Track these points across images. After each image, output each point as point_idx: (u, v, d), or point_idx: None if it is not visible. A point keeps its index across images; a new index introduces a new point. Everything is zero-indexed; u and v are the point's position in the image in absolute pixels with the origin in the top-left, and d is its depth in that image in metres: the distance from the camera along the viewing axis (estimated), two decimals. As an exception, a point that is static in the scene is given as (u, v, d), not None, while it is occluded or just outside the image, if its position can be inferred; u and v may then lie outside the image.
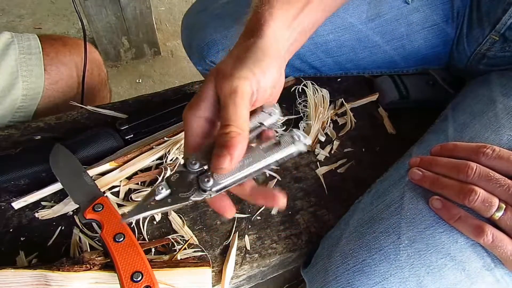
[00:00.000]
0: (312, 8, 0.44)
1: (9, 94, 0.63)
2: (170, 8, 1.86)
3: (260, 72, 0.35)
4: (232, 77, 0.33)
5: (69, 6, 1.74)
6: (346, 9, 0.61)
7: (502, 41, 0.56)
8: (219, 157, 0.31)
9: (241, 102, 0.33)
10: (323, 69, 0.68)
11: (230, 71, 0.34)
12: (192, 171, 0.33)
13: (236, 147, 0.31)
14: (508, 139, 0.43)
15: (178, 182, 0.33)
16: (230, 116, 0.32)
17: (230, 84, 0.33)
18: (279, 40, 0.39)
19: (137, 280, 0.39)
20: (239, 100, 0.32)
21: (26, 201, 0.49)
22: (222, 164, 0.30)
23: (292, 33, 0.42)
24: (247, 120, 0.33)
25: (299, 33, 0.43)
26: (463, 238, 0.38)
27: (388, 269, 0.38)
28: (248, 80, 0.34)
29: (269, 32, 0.38)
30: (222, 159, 0.30)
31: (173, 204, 0.32)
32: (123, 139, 0.56)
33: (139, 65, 1.62)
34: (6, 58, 0.62)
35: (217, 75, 0.35)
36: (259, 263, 0.47)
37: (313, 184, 0.55)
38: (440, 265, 0.37)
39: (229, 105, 0.32)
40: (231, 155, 0.31)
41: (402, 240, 0.39)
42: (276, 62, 0.37)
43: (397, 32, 0.63)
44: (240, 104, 0.32)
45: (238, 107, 0.32)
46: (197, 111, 0.35)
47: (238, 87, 0.33)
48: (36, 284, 0.39)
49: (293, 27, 0.42)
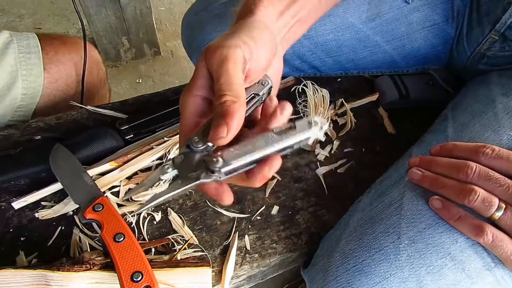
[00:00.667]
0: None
1: (8, 93, 0.63)
2: (170, 8, 1.86)
3: (251, 40, 0.34)
4: (220, 47, 0.32)
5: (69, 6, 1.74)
6: (346, 8, 0.61)
7: (502, 40, 0.56)
8: (216, 127, 0.30)
9: (233, 68, 0.31)
10: (323, 69, 0.68)
11: (218, 43, 0.33)
12: (197, 151, 0.32)
13: (233, 115, 0.30)
14: (508, 139, 0.43)
15: (184, 163, 0.32)
16: (223, 85, 0.31)
17: (219, 53, 0.32)
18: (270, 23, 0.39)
19: (137, 280, 0.39)
20: (231, 66, 0.31)
21: (26, 201, 0.49)
22: (220, 133, 0.29)
23: (288, 20, 0.42)
24: (242, 86, 0.32)
25: (296, 21, 0.43)
26: (463, 238, 0.38)
27: (388, 269, 0.38)
28: (238, 47, 0.32)
29: (259, 13, 0.37)
30: (220, 128, 0.29)
31: (184, 185, 0.31)
32: (123, 139, 0.56)
33: (139, 65, 1.62)
34: (5, 58, 0.62)
35: (207, 52, 0.33)
36: (259, 263, 0.47)
37: (313, 184, 0.55)
38: (440, 265, 0.37)
39: (221, 74, 0.31)
40: (228, 124, 0.29)
41: (402, 240, 0.39)
42: (268, 34, 0.36)
43: (397, 31, 0.63)
44: (232, 70, 0.31)
45: (230, 74, 0.31)
46: (192, 91, 0.34)
47: (228, 54, 0.32)
48: (36, 284, 0.39)
49: (288, 14, 0.41)
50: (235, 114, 0.30)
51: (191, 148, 0.32)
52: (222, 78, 0.31)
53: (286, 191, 0.54)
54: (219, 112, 0.30)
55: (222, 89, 0.31)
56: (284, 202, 0.53)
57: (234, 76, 0.31)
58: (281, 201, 0.53)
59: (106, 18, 1.39)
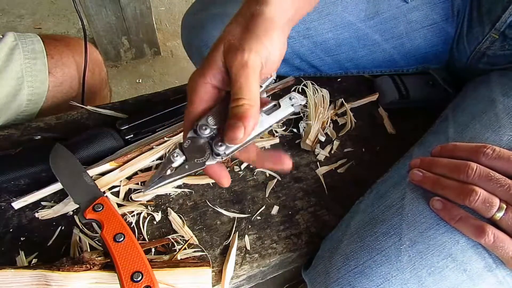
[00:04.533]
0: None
1: (14, 100, 0.62)
2: (170, 8, 1.86)
3: (269, 42, 0.35)
4: (242, 50, 0.33)
5: (69, 6, 1.74)
6: (345, 7, 0.61)
7: (502, 39, 0.56)
8: (234, 128, 0.32)
9: (252, 76, 0.33)
10: (322, 68, 0.68)
11: (239, 42, 0.34)
12: (203, 137, 0.34)
13: (250, 119, 0.32)
14: (509, 140, 0.42)
15: (191, 148, 0.34)
16: (242, 90, 0.33)
17: (240, 57, 0.33)
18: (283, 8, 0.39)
19: (137, 280, 0.39)
20: (251, 74, 0.33)
21: (26, 201, 0.49)
22: (238, 135, 0.32)
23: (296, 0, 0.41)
24: (258, 93, 0.34)
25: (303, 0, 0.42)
26: (465, 239, 0.38)
27: (390, 271, 0.38)
28: (258, 53, 0.34)
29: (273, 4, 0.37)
30: (237, 130, 0.32)
31: (191, 170, 0.34)
32: (123, 139, 0.56)
33: (139, 65, 1.62)
34: (10, 64, 0.62)
35: (228, 50, 0.35)
36: (259, 263, 0.47)
37: (313, 184, 0.55)
38: (442, 266, 0.37)
39: (241, 78, 0.33)
40: (245, 127, 0.32)
41: (403, 241, 0.39)
42: (282, 32, 0.37)
43: (396, 30, 0.63)
44: (251, 78, 0.33)
45: (249, 80, 0.33)
46: (206, 77, 0.35)
47: (248, 61, 0.33)
48: (36, 284, 0.39)
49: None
50: (251, 118, 0.32)
51: (198, 134, 0.34)
52: (242, 82, 0.33)
53: (286, 191, 0.54)
54: (236, 114, 0.32)
55: (240, 92, 0.33)
56: (284, 202, 0.53)
57: (252, 83, 0.33)
58: (281, 201, 0.53)
59: (106, 18, 1.39)
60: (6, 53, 0.62)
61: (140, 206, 0.50)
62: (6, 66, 0.61)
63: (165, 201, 0.52)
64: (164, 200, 0.52)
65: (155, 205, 0.51)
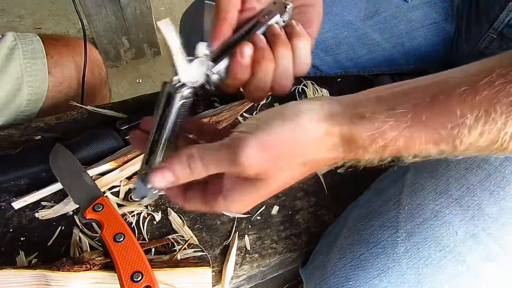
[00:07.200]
0: None
1: (14, 99, 0.62)
2: (170, 8, 1.86)
3: None
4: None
5: (69, 6, 1.74)
6: (344, 6, 0.62)
7: (500, 39, 0.56)
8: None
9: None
10: (322, 68, 0.68)
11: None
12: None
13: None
14: None
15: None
16: None
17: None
18: None
19: (137, 280, 0.39)
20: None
21: (26, 201, 0.49)
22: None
23: None
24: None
25: None
26: (463, 229, 0.38)
27: (386, 263, 0.38)
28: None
29: None
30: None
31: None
32: (123, 139, 0.56)
33: (139, 65, 1.62)
34: (10, 64, 0.62)
35: None
36: (259, 263, 0.47)
37: (313, 184, 0.55)
38: (439, 258, 0.37)
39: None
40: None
41: (399, 233, 0.39)
42: None
43: (396, 29, 0.63)
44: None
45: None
46: None
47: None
48: (36, 284, 0.39)
49: None
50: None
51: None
52: None
53: (286, 191, 0.54)
54: None
55: None
56: (284, 202, 0.53)
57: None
58: (281, 201, 0.53)
59: (106, 18, 1.39)
60: (6, 53, 0.62)
61: (140, 206, 0.50)
62: (6, 66, 0.61)
63: (165, 201, 0.52)
64: (164, 200, 0.52)
65: (155, 205, 0.51)
